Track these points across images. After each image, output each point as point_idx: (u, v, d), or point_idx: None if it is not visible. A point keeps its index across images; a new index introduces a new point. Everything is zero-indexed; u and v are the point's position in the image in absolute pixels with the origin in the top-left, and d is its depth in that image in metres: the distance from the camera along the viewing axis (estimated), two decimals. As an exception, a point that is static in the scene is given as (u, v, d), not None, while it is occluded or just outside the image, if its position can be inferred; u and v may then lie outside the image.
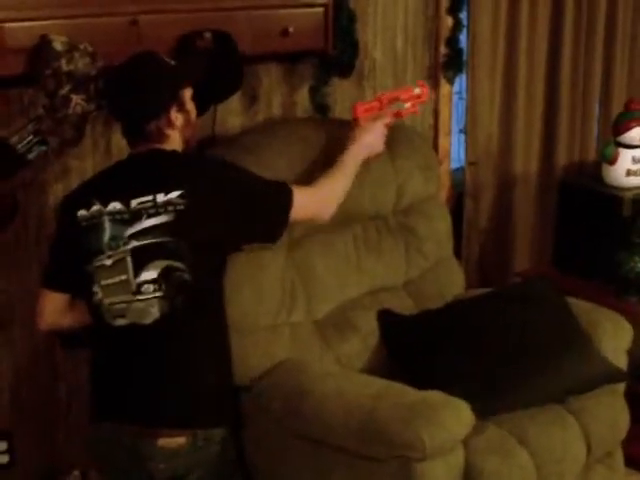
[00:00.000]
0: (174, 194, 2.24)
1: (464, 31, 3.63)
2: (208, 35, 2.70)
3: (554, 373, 2.76)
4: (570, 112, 3.97)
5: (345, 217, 2.89)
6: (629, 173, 3.59)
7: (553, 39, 3.87)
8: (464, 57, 3.64)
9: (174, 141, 2.36)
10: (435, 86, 3.61)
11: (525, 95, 3.84)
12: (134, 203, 2.25)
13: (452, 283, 3.24)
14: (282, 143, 2.88)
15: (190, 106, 2.39)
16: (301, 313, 2.82)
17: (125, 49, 2.42)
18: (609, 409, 2.88)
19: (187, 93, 2.38)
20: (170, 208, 2.23)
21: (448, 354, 2.75)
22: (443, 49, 3.61)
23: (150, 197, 2.25)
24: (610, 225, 3.52)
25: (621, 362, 2.97)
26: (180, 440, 2.25)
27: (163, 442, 2.24)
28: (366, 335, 2.89)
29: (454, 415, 2.38)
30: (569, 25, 3.86)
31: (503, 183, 3.85)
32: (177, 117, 2.33)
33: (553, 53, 3.88)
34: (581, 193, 3.68)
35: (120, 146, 2.67)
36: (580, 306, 3.04)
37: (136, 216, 2.24)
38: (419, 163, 3.19)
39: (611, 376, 2.86)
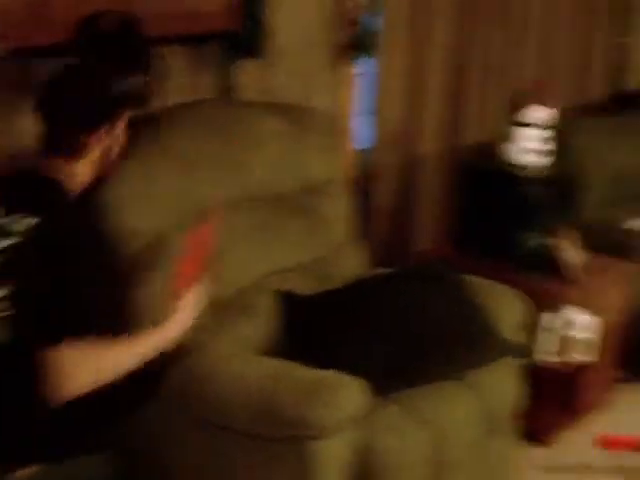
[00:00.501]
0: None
1: (374, 13, 3.69)
2: (112, 17, 2.70)
3: (453, 350, 2.85)
4: (473, 93, 4.08)
5: (248, 198, 2.94)
6: (529, 152, 3.69)
7: (459, 22, 3.97)
8: (373, 39, 3.71)
9: (85, 168, 2.11)
10: (343, 67, 3.68)
11: (431, 77, 3.92)
12: None
13: (355, 263, 3.30)
14: (188, 127, 2.90)
15: (120, 132, 2.15)
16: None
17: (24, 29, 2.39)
18: (506, 383, 3.00)
19: (124, 119, 2.16)
20: None
21: (347, 334, 2.80)
22: (351, 30, 3.67)
23: None
24: (510, 203, 3.62)
25: (517, 336, 3.09)
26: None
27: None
28: (267, 316, 2.92)
29: (349, 394, 2.45)
30: (475, 8, 3.96)
31: (408, 164, 3.93)
32: (104, 138, 2.11)
33: (457, 37, 3.98)
34: (481, 172, 3.79)
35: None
36: (479, 284, 3.14)
37: None
38: (322, 144, 3.24)
39: (507, 351, 2.98)
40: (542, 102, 3.70)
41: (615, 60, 5.01)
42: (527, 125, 3.70)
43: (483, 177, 3.77)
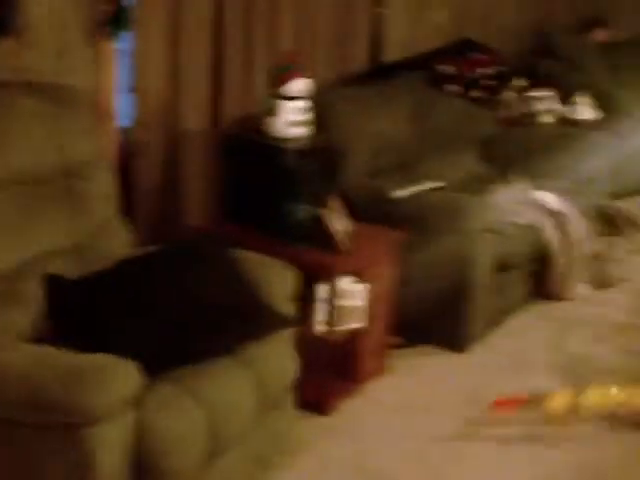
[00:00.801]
0: None
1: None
2: None
3: (225, 326, 2.86)
4: (235, 66, 4.07)
5: (7, 182, 2.83)
6: (290, 124, 3.72)
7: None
8: (130, 13, 3.63)
9: None
10: (101, 44, 3.58)
11: (191, 51, 3.87)
12: None
13: (121, 243, 3.24)
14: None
15: None
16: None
17: None
18: (279, 356, 3.04)
19: None
20: None
21: (116, 315, 2.75)
22: (107, 5, 3.57)
23: None
24: (275, 176, 3.64)
25: (288, 308, 3.13)
26: None
27: None
28: (33, 302, 2.82)
29: (120, 376, 2.41)
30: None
31: (173, 140, 3.89)
32: None
33: (217, 8, 3.96)
34: (246, 146, 3.79)
35: None
36: (249, 257, 3.16)
37: None
38: (83, 124, 3.17)
39: (279, 323, 3.01)
40: (300, 74, 3.73)
41: (374, 31, 5.13)
42: (288, 97, 3.73)
43: (248, 151, 3.79)
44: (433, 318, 4.11)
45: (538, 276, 4.62)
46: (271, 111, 3.73)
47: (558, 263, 4.55)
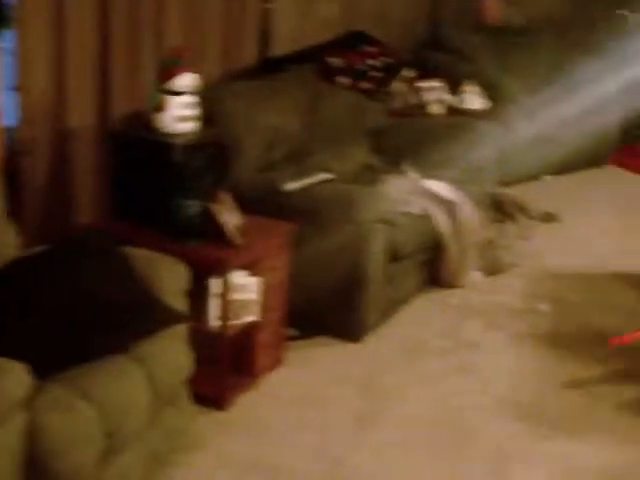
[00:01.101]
0: None
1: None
2: None
3: (116, 324, 2.85)
4: (122, 62, 4.04)
5: None
6: (178, 119, 3.72)
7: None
8: (10, 11, 3.58)
9: None
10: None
11: (77, 48, 3.83)
12: None
13: (8, 244, 3.19)
14: None
15: None
16: None
17: None
18: (172, 352, 3.04)
19: None
20: None
21: (4, 317, 2.72)
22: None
23: None
24: (164, 172, 3.63)
25: (180, 304, 3.15)
26: None
27: None
28: None
29: (8, 379, 2.39)
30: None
31: (60, 137, 3.85)
32: None
33: (102, 3, 3.93)
34: (134, 142, 3.77)
35: None
36: (140, 254, 3.16)
37: None
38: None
39: (171, 319, 3.02)
40: (187, 68, 3.74)
41: (263, 25, 5.16)
42: (175, 92, 3.73)
43: (136, 147, 3.77)
44: (328, 309, 4.17)
45: (431, 265, 4.72)
46: (159, 107, 3.73)
47: (450, 251, 4.65)
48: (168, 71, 3.77)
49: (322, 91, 4.95)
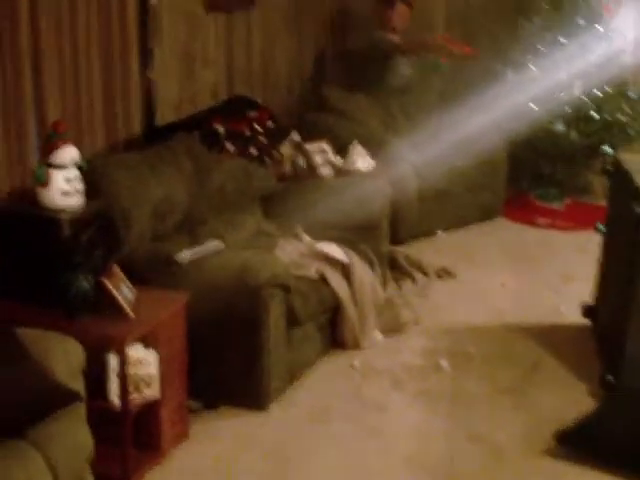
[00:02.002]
0: None
1: None
2: None
3: (8, 408, 2.82)
4: (5, 138, 4.02)
5: None
6: (64, 194, 3.73)
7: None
8: None
9: None
10: None
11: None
12: None
13: None
14: None
15: None
16: None
17: None
18: (72, 433, 3.03)
19: None
20: None
21: None
22: None
23: None
24: (51, 247, 3.62)
25: (77, 384, 3.12)
26: None
27: None
28: None
29: None
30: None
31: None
32: None
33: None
34: (19, 219, 3.76)
35: None
36: (31, 334, 3.14)
37: None
38: None
39: (67, 399, 3.00)
40: (69, 142, 3.77)
41: (146, 95, 5.20)
42: (58, 166, 3.74)
43: (21, 224, 3.75)
44: (231, 379, 4.17)
45: (332, 327, 4.77)
46: (43, 182, 3.72)
47: (349, 313, 4.71)
48: (50, 145, 3.79)
49: (208, 159, 4.98)
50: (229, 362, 4.14)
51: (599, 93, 6.90)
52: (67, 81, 4.44)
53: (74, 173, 3.79)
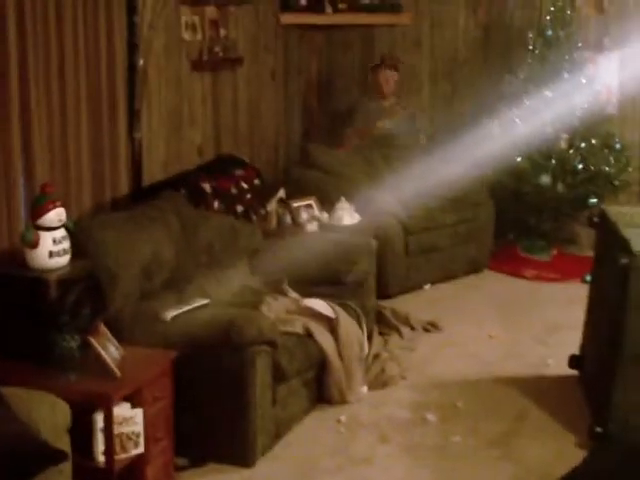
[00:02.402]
0: None
1: None
2: None
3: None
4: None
5: None
6: (51, 255, 3.83)
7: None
8: None
9: None
10: None
11: None
12: None
13: None
14: None
15: None
16: None
17: None
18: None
19: None
20: None
21: None
22: None
23: None
24: (39, 307, 3.70)
25: (63, 442, 3.18)
26: None
27: None
28: None
29: None
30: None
31: None
32: None
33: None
34: (7, 279, 3.85)
35: None
36: (16, 393, 3.21)
37: None
38: None
39: (52, 458, 3.06)
40: (56, 204, 3.87)
41: (133, 155, 5.31)
42: (46, 228, 3.84)
43: (10, 283, 3.84)
44: (217, 436, 4.22)
45: (318, 382, 4.83)
46: (31, 243, 3.81)
47: (335, 368, 4.77)
48: (39, 208, 3.89)
49: (195, 216, 5.08)
50: (216, 418, 4.20)
51: (584, 145, 7.03)
52: (55, 142, 4.55)
53: (61, 234, 3.89)
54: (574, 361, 5.11)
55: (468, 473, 4.20)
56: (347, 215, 6.19)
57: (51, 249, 3.84)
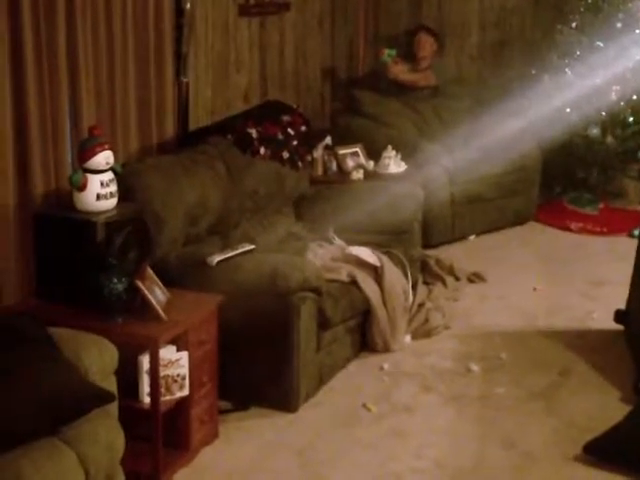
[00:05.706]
0: None
1: None
2: None
3: (44, 407, 2.91)
4: (41, 142, 4.10)
5: None
6: (99, 197, 3.83)
7: (16, 67, 3.96)
8: None
9: None
10: None
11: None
12: None
13: None
14: None
15: None
16: None
17: None
18: (104, 432, 3.10)
19: None
20: None
21: None
22: None
23: None
24: (87, 250, 3.71)
25: (110, 383, 3.21)
26: None
27: None
28: None
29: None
30: (30, 52, 3.97)
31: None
32: None
33: (18, 81, 3.97)
34: (56, 222, 3.86)
35: None
36: (66, 335, 3.24)
37: None
38: None
39: (100, 399, 3.08)
40: (104, 147, 3.87)
41: (180, 99, 5.29)
42: (94, 171, 3.84)
43: (58, 226, 3.85)
44: (261, 381, 4.25)
45: (363, 330, 4.83)
46: (79, 186, 3.82)
47: (379, 316, 4.76)
48: (85, 150, 3.88)
49: (242, 162, 5.07)
50: (260, 364, 4.22)
51: (635, 97, 6.91)
52: (102, 85, 4.53)
53: (109, 176, 3.89)
54: (620, 316, 5.07)
55: (510, 424, 4.19)
56: (393, 163, 6.15)
57: (99, 192, 3.83)
